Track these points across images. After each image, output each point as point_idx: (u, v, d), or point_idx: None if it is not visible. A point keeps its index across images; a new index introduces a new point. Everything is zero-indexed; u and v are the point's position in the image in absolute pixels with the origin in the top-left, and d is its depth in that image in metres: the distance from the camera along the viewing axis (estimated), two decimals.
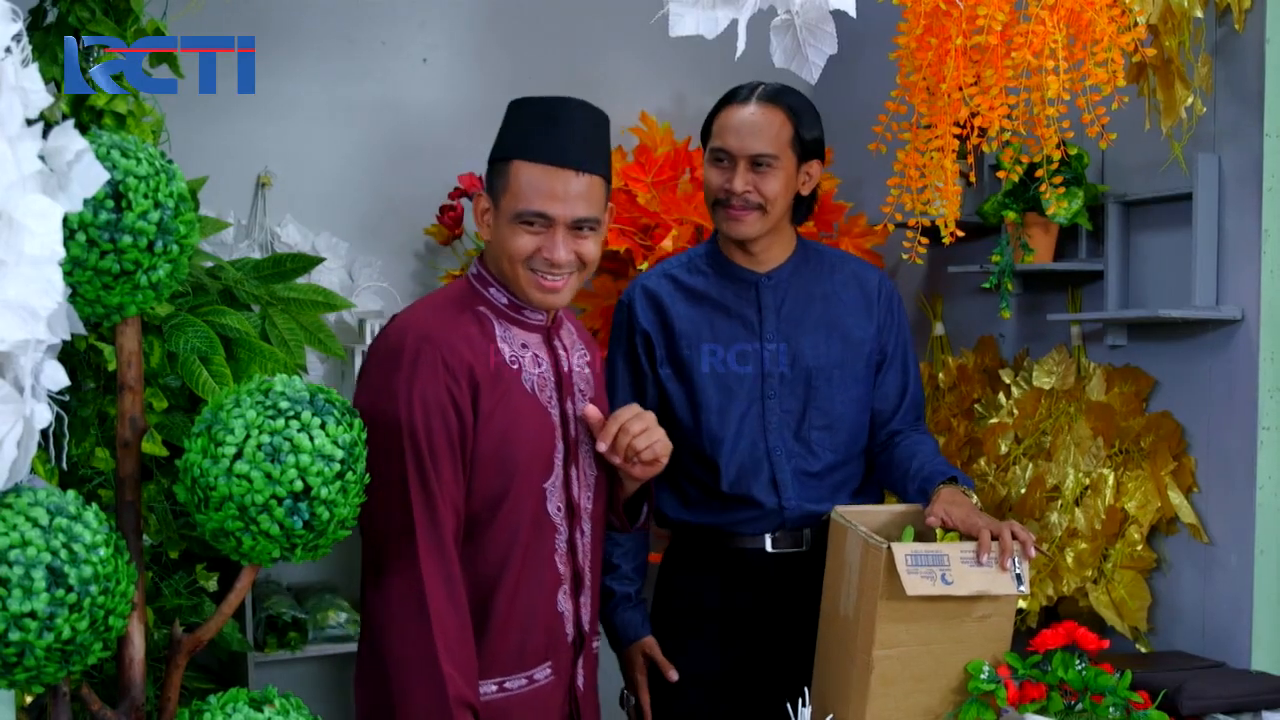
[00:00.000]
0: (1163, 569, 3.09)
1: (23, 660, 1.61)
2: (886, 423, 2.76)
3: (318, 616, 3.24)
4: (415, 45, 3.70)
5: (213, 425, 1.79)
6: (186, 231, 1.85)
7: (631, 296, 2.70)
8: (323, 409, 1.80)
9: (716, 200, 2.61)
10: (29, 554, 1.61)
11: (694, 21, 2.29)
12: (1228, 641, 2.93)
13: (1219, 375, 2.97)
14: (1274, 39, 2.81)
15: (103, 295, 1.79)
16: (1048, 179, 2.70)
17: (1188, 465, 3.04)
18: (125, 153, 1.79)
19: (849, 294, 2.74)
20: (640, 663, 2.68)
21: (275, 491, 1.74)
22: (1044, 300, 3.46)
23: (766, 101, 2.61)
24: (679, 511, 2.71)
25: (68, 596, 1.62)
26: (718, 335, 2.66)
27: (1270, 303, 2.87)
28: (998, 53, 2.44)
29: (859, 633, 2.39)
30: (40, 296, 1.65)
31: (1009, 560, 2.38)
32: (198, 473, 1.77)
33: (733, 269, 2.69)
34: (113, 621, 1.70)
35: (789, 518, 2.65)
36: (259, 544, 1.77)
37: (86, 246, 1.73)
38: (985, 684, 2.41)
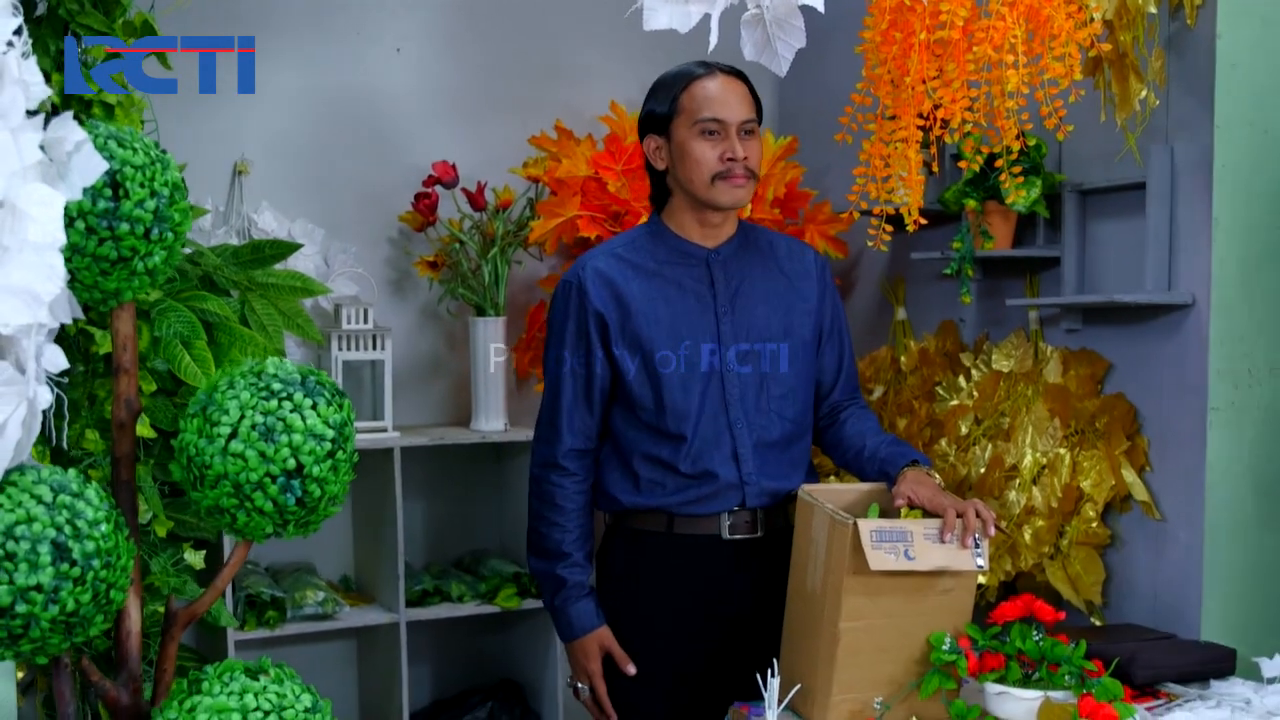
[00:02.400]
0: (1116, 545, 3.15)
1: (28, 632, 1.65)
2: (828, 395, 2.78)
3: (295, 596, 3.27)
4: (389, 35, 3.70)
5: (208, 406, 1.82)
6: (180, 219, 1.89)
7: (580, 278, 2.64)
8: (314, 390, 1.84)
9: (716, 174, 2.56)
10: (35, 530, 1.65)
11: (667, 16, 2.33)
12: (1178, 614, 2.99)
13: (1171, 358, 3.03)
14: (1225, 34, 2.87)
15: (100, 281, 1.82)
16: (1007, 169, 2.75)
17: (1141, 445, 3.10)
18: (121, 143, 1.82)
19: (791, 268, 2.74)
20: (596, 653, 2.65)
21: (269, 470, 1.78)
22: (1003, 286, 3.50)
23: (731, 74, 2.61)
24: (631, 495, 2.66)
25: (72, 570, 1.66)
26: (674, 310, 2.63)
27: (1220, 288, 2.93)
28: (960, 47, 2.48)
29: (826, 606, 2.43)
30: (44, 282, 1.70)
31: (970, 538, 2.42)
32: (193, 452, 1.80)
33: (683, 245, 2.66)
34: (114, 595, 1.75)
35: (749, 493, 2.63)
36: (253, 520, 1.81)
37: (85, 233, 1.77)
38: (946, 655, 2.44)
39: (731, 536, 2.62)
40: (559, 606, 2.65)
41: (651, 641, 2.66)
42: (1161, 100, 2.95)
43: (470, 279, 3.55)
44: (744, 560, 2.64)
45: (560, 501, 2.63)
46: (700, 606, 2.65)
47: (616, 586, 2.69)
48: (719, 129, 2.55)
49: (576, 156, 3.54)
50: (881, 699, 2.47)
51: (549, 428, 2.65)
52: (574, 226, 3.49)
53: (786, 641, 2.59)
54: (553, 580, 2.65)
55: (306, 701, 1.81)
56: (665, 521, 2.63)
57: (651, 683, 2.66)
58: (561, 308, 2.66)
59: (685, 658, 2.67)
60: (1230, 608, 2.97)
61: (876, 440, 2.66)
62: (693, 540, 2.63)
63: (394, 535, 3.36)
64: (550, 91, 3.87)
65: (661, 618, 2.66)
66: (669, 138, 2.61)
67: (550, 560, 2.64)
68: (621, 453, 2.64)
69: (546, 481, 2.64)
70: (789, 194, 3.69)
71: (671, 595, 2.65)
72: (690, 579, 2.64)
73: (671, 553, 2.64)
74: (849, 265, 3.93)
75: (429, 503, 3.77)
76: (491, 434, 3.56)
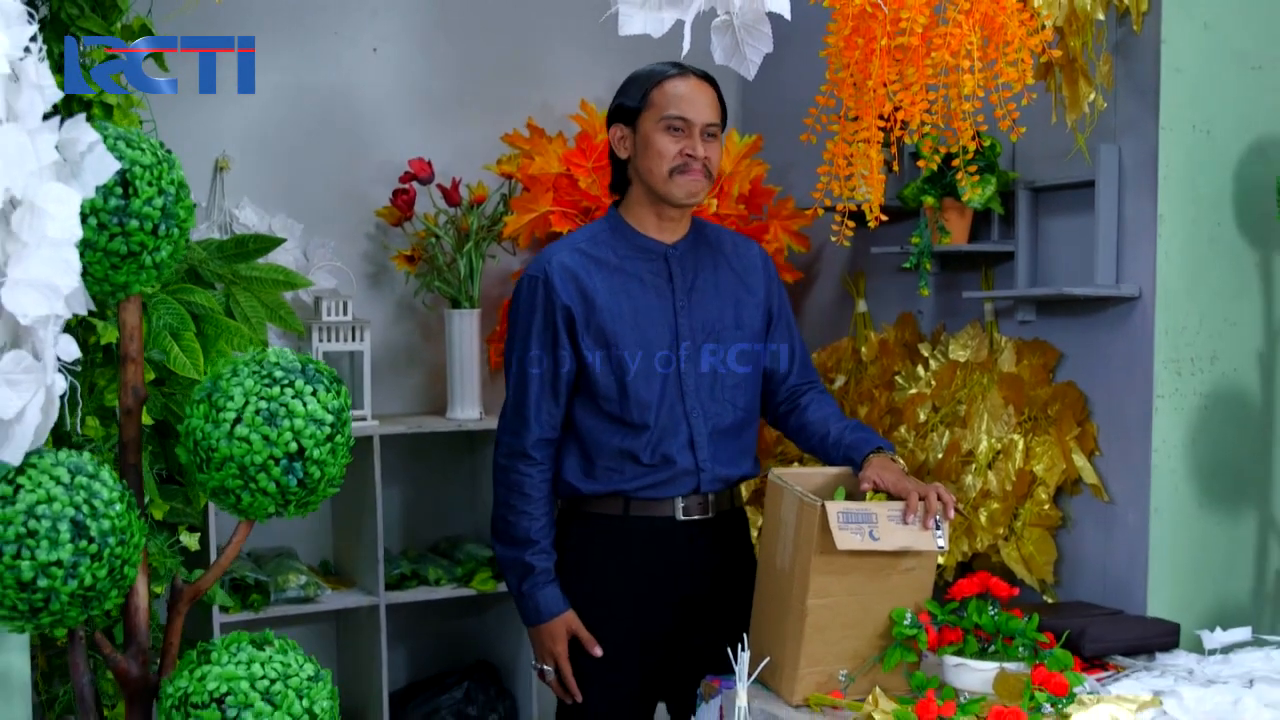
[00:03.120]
0: (1067, 526, 3.20)
1: (49, 605, 1.73)
2: (785, 379, 2.84)
3: (278, 579, 3.33)
4: (366, 35, 3.72)
5: (213, 393, 1.89)
6: (185, 216, 1.97)
7: (547, 272, 2.68)
8: (314, 378, 1.91)
9: (675, 167, 2.63)
10: (54, 509, 1.73)
11: (642, 22, 2.36)
12: (1126, 591, 3.05)
13: (1119, 348, 3.09)
14: (1169, 39, 2.94)
15: (110, 274, 1.90)
16: (963, 167, 2.79)
17: (1090, 431, 3.15)
18: (130, 143, 1.90)
19: (739, 262, 2.81)
20: (564, 636, 2.69)
21: (272, 452, 1.85)
22: (959, 279, 3.54)
23: (703, 79, 2.69)
24: (588, 483, 2.71)
25: (89, 547, 1.74)
26: (636, 305, 2.68)
27: (1165, 281, 2.99)
28: (919, 53, 2.52)
29: (794, 584, 2.50)
30: (61, 275, 1.78)
31: (932, 520, 2.49)
32: (200, 436, 1.88)
33: (641, 241, 2.72)
34: (127, 570, 1.83)
35: (703, 480, 2.70)
36: (257, 500, 1.88)
37: (97, 229, 1.84)
38: (908, 629, 2.50)
39: (685, 518, 2.70)
40: (527, 592, 2.69)
41: (607, 621, 2.71)
42: (1109, 102, 3.00)
43: (446, 272, 3.60)
44: (696, 540, 2.72)
45: (528, 490, 2.67)
46: (655, 585, 2.71)
47: (571, 569, 2.73)
48: (684, 127, 2.64)
49: (548, 154, 3.59)
50: (846, 671, 2.53)
51: (517, 418, 2.69)
52: (546, 221, 3.54)
53: (756, 617, 2.65)
54: (520, 566, 2.68)
55: (309, 670, 1.90)
56: (621, 505, 2.70)
57: (610, 661, 2.71)
58: (528, 301, 2.70)
59: (641, 636, 2.73)
60: (1175, 585, 3.03)
61: (840, 426, 2.74)
62: (648, 522, 2.70)
63: (373, 521, 3.41)
64: (522, 91, 3.89)
65: (617, 597, 2.72)
66: (635, 129, 2.68)
67: (518, 547, 2.68)
68: (580, 441, 2.69)
69: (515, 471, 2.68)
70: (754, 190, 3.75)
71: (626, 575, 2.71)
72: (645, 558, 2.71)
73: (627, 534, 2.71)
74: (811, 259, 3.97)
75: (405, 489, 3.81)
76: (467, 422, 3.62)
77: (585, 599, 2.71)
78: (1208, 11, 3.00)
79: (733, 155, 3.69)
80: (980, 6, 2.50)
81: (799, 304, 4.03)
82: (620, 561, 2.71)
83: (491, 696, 3.70)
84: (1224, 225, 3.07)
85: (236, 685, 1.82)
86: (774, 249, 3.72)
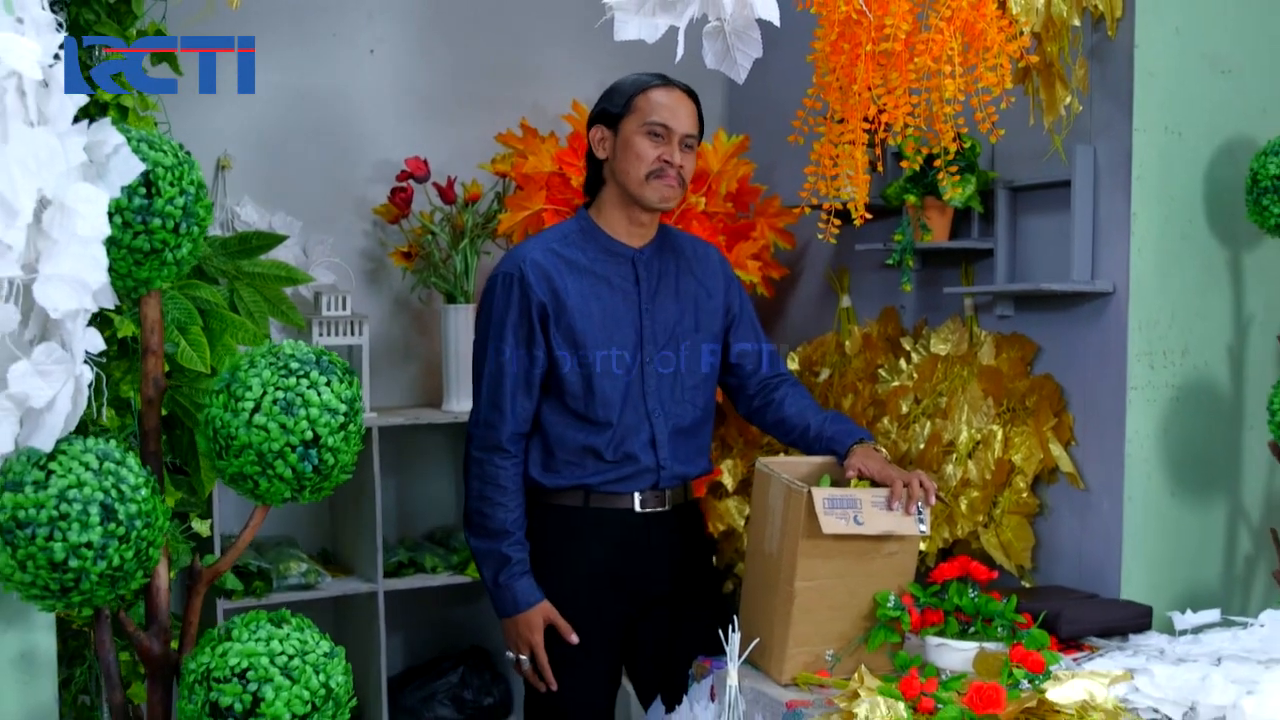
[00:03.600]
0: (1044, 513, 3.24)
1: (79, 585, 1.82)
2: (754, 372, 2.91)
3: (279, 567, 3.40)
4: (363, 37, 3.77)
5: (232, 383, 1.97)
6: (204, 215, 2.04)
7: (521, 270, 2.72)
8: (327, 369, 1.99)
9: (652, 171, 2.70)
10: (85, 493, 1.81)
11: (636, 27, 2.41)
12: (1101, 576, 3.09)
13: (1094, 341, 3.13)
14: (1142, 44, 2.98)
15: (134, 270, 1.97)
16: (944, 167, 2.86)
17: (1067, 421, 3.19)
18: (152, 145, 1.98)
19: (700, 267, 2.88)
20: (540, 625, 2.73)
21: (289, 440, 1.92)
22: (940, 275, 3.57)
23: (686, 92, 2.77)
24: (551, 478, 2.76)
25: (118, 529, 1.83)
26: (604, 307, 2.74)
27: (1138, 277, 3.04)
28: (902, 58, 2.58)
29: (782, 567, 2.57)
30: (90, 271, 1.86)
31: (914, 506, 2.56)
32: (219, 424, 1.95)
33: (611, 244, 2.78)
34: (152, 552, 1.92)
35: (663, 476, 2.78)
36: (274, 486, 1.96)
37: (121, 227, 1.91)
38: (891, 611, 2.56)
39: (643, 510, 2.78)
40: (504, 583, 2.72)
41: (569, 607, 2.76)
42: (1085, 105, 3.04)
43: (441, 268, 3.66)
44: (654, 530, 2.80)
45: (504, 482, 2.72)
46: (613, 572, 2.78)
47: (534, 558, 2.76)
48: (664, 134, 2.72)
49: (541, 153, 3.63)
50: (833, 651, 2.60)
51: (493, 412, 2.72)
52: (540, 219, 3.57)
53: (745, 600, 2.73)
54: (496, 557, 2.72)
55: (324, 647, 1.99)
56: (582, 497, 2.76)
57: (577, 648, 2.75)
58: (503, 298, 2.73)
59: (601, 622, 2.79)
60: (1147, 569, 3.08)
61: (820, 419, 2.81)
62: (609, 513, 2.77)
63: (372, 510, 3.47)
64: (516, 91, 3.95)
65: (578, 584, 2.77)
66: (616, 132, 2.75)
67: (494, 539, 2.72)
68: (544, 436, 2.75)
69: (490, 464, 2.72)
70: (740, 189, 3.79)
71: (586, 562, 2.77)
72: (604, 547, 2.77)
73: (587, 524, 2.77)
74: (796, 256, 4.01)
75: (402, 479, 3.86)
76: (462, 414, 3.62)
77: (547, 586, 2.75)
78: (1179, 17, 3.05)
79: (720, 154, 3.74)
80: (961, 14, 2.56)
81: (784, 299, 4.08)
82: (580, 548, 2.77)
83: (486, 681, 3.76)
84: (1195, 223, 3.13)
85: (257, 661, 1.90)
86: (760, 246, 3.77)
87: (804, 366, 3.89)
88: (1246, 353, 3.24)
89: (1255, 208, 2.99)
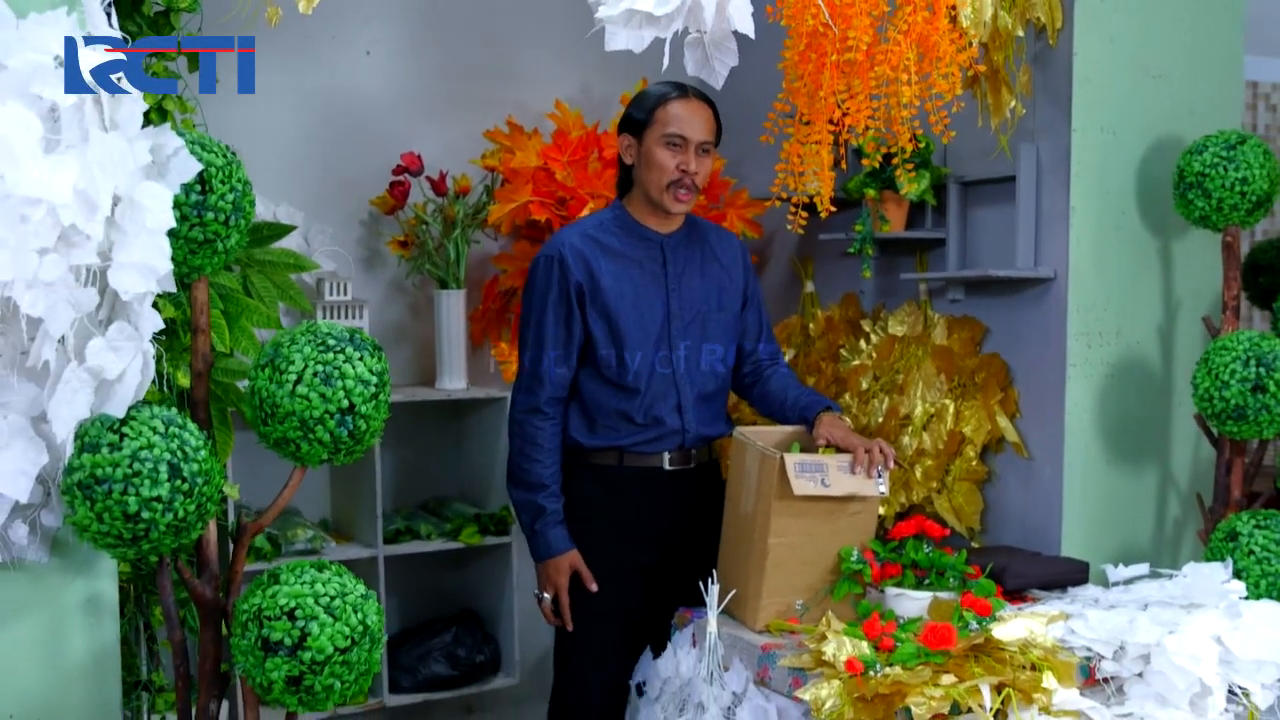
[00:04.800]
0: (992, 480, 3.42)
1: (148, 534, 2.04)
2: (751, 353, 3.13)
3: (287, 534, 3.59)
4: (360, 40, 3.88)
5: (275, 359, 2.18)
6: (249, 209, 2.27)
7: (561, 253, 2.95)
8: (360, 345, 2.21)
9: (671, 182, 2.91)
10: (155, 453, 2.04)
11: (625, 38, 2.58)
12: (1043, 536, 3.28)
13: (1037, 323, 3.30)
14: (1080, 52, 3.17)
15: (189, 258, 2.20)
16: (901, 164, 3.05)
17: (1012, 396, 3.37)
18: (205, 147, 2.21)
19: (723, 253, 3.10)
20: (567, 570, 2.95)
21: (328, 408, 2.15)
22: (897, 262, 3.74)
23: (702, 100, 2.97)
24: (589, 438, 2.98)
25: (183, 485, 2.05)
26: (636, 285, 2.96)
27: (1077, 264, 3.22)
28: (864, 67, 2.77)
29: (756, 526, 2.77)
30: (157, 259, 2.09)
31: (875, 469, 2.77)
32: (265, 395, 2.17)
33: (642, 230, 3.01)
34: (209, 506, 2.14)
35: (688, 439, 3.01)
36: (314, 449, 2.18)
37: (180, 220, 2.13)
38: (855, 565, 2.76)
39: (671, 468, 3.01)
40: (539, 530, 2.97)
41: (601, 556, 2.99)
42: (1028, 108, 3.21)
43: (434, 256, 3.81)
44: (679, 486, 3.02)
45: (541, 441, 2.96)
46: (643, 524, 3.00)
47: (570, 513, 3.01)
48: (681, 143, 2.93)
49: (528, 149, 3.81)
50: (802, 601, 2.80)
51: (533, 379, 2.97)
52: (526, 210, 3.77)
53: (723, 556, 2.92)
54: (533, 508, 2.97)
55: (361, 589, 2.21)
56: (617, 457, 3.00)
57: (601, 593, 2.98)
58: (545, 278, 2.97)
59: (631, 570, 3.01)
60: (1085, 529, 3.27)
61: (796, 392, 3.04)
62: (640, 471, 3.00)
63: (373, 481, 3.64)
64: (503, 91, 4.06)
65: (611, 536, 3.00)
66: (640, 141, 2.97)
67: (531, 490, 2.97)
68: (583, 403, 2.99)
69: (530, 425, 2.97)
70: (712, 182, 3.95)
71: (620, 515, 3.00)
72: (635, 500, 3.00)
73: (621, 481, 3.00)
74: (764, 244, 4.19)
75: (397, 453, 4.00)
76: (454, 392, 3.84)
77: (582, 536, 2.99)
78: (1114, 27, 3.24)
79: None
80: (916, 27, 2.76)
81: None
82: (614, 502, 3.00)
83: (478, 640, 3.93)
84: (1128, 215, 3.32)
85: (303, 601, 2.12)
86: None
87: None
88: (1175, 333, 3.42)
89: (1182, 201, 3.20)
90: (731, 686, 2.72)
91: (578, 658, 3.04)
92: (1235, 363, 3.01)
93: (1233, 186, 3.11)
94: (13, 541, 2.14)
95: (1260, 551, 2.97)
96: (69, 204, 1.96)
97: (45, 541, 2.18)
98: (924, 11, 2.77)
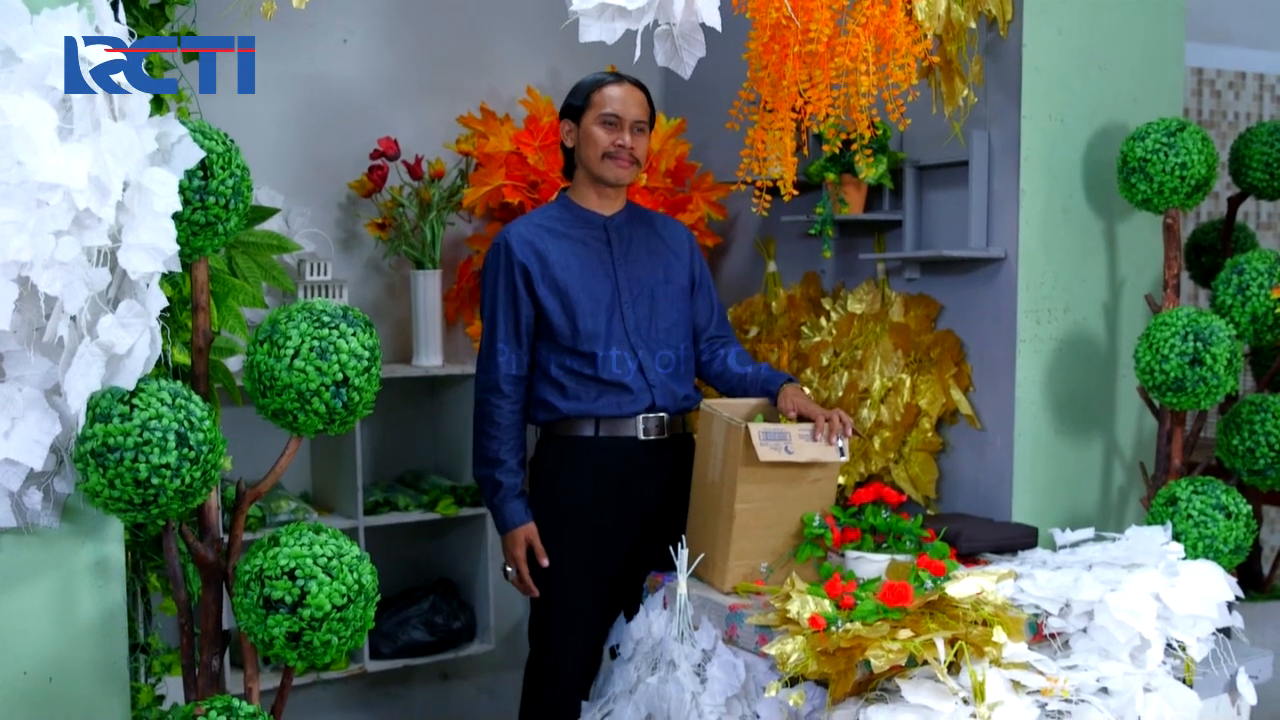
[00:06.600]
0: (947, 450, 3.53)
1: (157, 499, 2.14)
2: (704, 331, 3.27)
3: (271, 505, 3.71)
4: (337, 28, 3.96)
5: (273, 334, 2.27)
6: (247, 193, 2.39)
7: (507, 241, 3.11)
8: (353, 321, 2.30)
9: (606, 153, 3.08)
10: (163, 423, 2.14)
11: (598, 30, 2.65)
12: (994, 503, 3.38)
13: (989, 301, 3.39)
14: (1029, 43, 3.26)
15: (191, 240, 2.30)
16: (860, 149, 3.14)
17: (966, 370, 3.47)
18: (206, 135, 2.30)
19: (667, 234, 3.27)
20: (523, 543, 3.07)
21: (324, 380, 2.24)
22: (856, 243, 3.81)
23: (635, 85, 3.14)
24: (563, 402, 3.08)
25: (190, 453, 2.15)
26: (582, 262, 3.10)
27: (1027, 245, 3.31)
28: (824, 58, 2.87)
29: (723, 492, 2.89)
30: (163, 240, 2.18)
31: (835, 437, 2.90)
32: (263, 368, 2.26)
33: (585, 214, 3.16)
34: (213, 474, 2.24)
35: (656, 395, 3.10)
36: (310, 420, 2.28)
37: (183, 204, 2.23)
38: (817, 529, 2.89)
39: (645, 438, 3.12)
40: (496, 505, 3.10)
41: (580, 528, 3.10)
42: (980, 96, 3.29)
43: (411, 238, 3.91)
44: (653, 456, 3.13)
45: (498, 419, 3.10)
46: (620, 496, 3.11)
47: (550, 483, 3.14)
48: (616, 122, 3.10)
49: (500, 134, 3.92)
50: (767, 564, 2.93)
51: (488, 359, 3.12)
52: (500, 194, 3.88)
53: (692, 522, 3.04)
54: (491, 483, 3.10)
55: (355, 551, 2.31)
56: (593, 427, 3.11)
57: (580, 562, 3.10)
58: (493, 264, 3.14)
59: (607, 538, 3.12)
60: (1034, 496, 3.38)
61: (755, 368, 3.18)
62: (615, 441, 3.11)
63: (353, 455, 3.77)
64: (476, 78, 4.17)
65: (588, 507, 3.11)
66: (579, 124, 3.13)
67: (490, 467, 3.10)
68: (549, 374, 3.11)
69: (488, 404, 3.11)
70: (678, 166, 4.11)
71: (597, 487, 3.11)
72: (612, 473, 3.11)
73: (597, 452, 3.11)
74: (728, 226, 4.28)
75: (375, 427, 4.11)
76: (430, 369, 3.95)
77: (560, 507, 3.11)
78: (1061, 19, 3.34)
79: (660, 135, 4.03)
80: (874, 20, 2.87)
81: (717, 265, 4.34)
82: (591, 474, 3.12)
83: (454, 608, 4.05)
84: (1075, 198, 3.43)
85: (303, 561, 2.23)
86: (696, 217, 4.06)
87: (735, 325, 4.11)
88: (1119, 310, 3.54)
89: (1125, 185, 3.32)
90: (701, 644, 2.84)
91: (553, 625, 3.14)
92: (1174, 338, 3.10)
93: (1173, 171, 3.22)
94: (27, 508, 2.22)
95: (1197, 515, 3.09)
96: (83, 189, 2.05)
97: (57, 507, 2.27)
98: (881, 5, 2.86)
